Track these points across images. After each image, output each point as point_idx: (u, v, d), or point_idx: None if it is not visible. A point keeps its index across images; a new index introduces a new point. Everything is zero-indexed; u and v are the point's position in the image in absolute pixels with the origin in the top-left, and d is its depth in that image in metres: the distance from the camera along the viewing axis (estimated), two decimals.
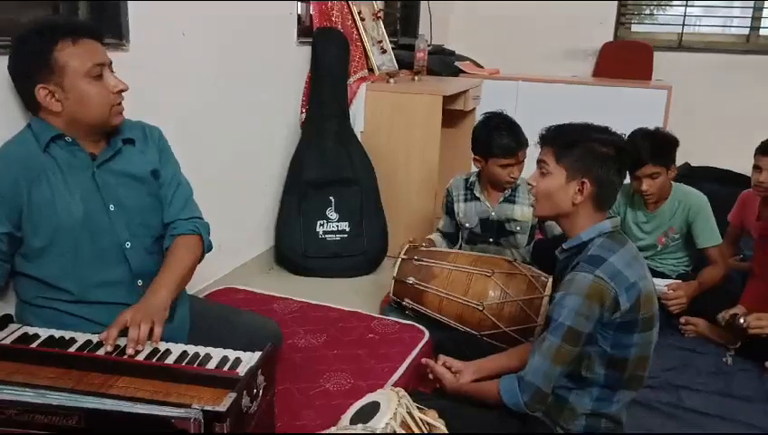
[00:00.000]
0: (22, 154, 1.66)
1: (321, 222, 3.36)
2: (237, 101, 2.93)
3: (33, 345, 1.56)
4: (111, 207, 1.73)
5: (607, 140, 1.75)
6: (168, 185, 1.87)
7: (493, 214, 2.70)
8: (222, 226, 2.02)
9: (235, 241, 3.04)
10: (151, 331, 1.58)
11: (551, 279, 2.33)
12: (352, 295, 3.06)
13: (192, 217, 1.89)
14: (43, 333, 1.62)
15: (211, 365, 1.54)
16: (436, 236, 2.86)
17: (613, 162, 1.73)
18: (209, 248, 1.91)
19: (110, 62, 1.73)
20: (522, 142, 2.59)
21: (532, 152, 2.54)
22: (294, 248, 3.32)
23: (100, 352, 1.56)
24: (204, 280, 2.78)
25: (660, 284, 2.61)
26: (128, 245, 1.75)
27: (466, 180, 2.79)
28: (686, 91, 4.73)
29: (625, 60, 5.10)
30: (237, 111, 2.94)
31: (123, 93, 1.74)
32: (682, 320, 2.66)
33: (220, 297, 2.65)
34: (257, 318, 2.03)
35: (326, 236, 3.35)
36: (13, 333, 1.61)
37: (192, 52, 2.58)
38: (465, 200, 2.77)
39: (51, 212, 1.65)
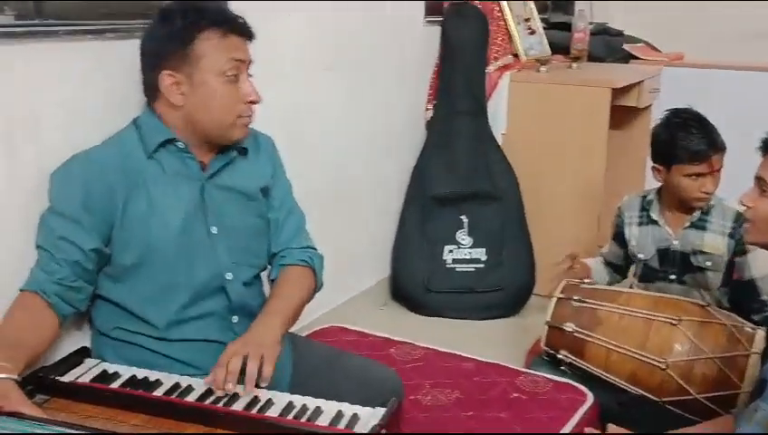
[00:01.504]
0: (122, 158, 1.77)
1: (450, 248, 3.37)
2: (347, 96, 3.01)
3: (114, 386, 1.65)
4: (213, 229, 1.82)
5: None
6: (280, 207, 1.95)
7: (675, 243, 2.61)
8: (326, 251, 2.07)
9: (343, 270, 3.09)
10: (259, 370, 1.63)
11: (760, 331, 2.24)
12: (490, 342, 3.05)
13: (305, 246, 1.97)
14: (125, 371, 1.71)
15: (322, 421, 1.58)
16: (594, 263, 2.80)
17: None
18: (320, 287, 1.98)
19: (250, 63, 1.83)
20: (717, 144, 2.51)
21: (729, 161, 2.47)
22: (415, 280, 3.35)
23: (190, 397, 1.63)
24: (304, 316, 2.77)
25: None
26: (229, 275, 1.83)
27: (643, 198, 2.72)
28: None
29: None
30: (347, 107, 3.02)
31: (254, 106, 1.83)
32: None
33: (325, 338, 2.69)
34: (373, 365, 2.06)
35: (456, 265, 3.36)
36: (90, 369, 1.72)
37: (297, 35, 2.68)
38: (640, 224, 2.69)
39: (145, 226, 1.75)
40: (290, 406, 1.63)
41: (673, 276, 2.64)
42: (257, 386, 1.61)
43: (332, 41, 2.87)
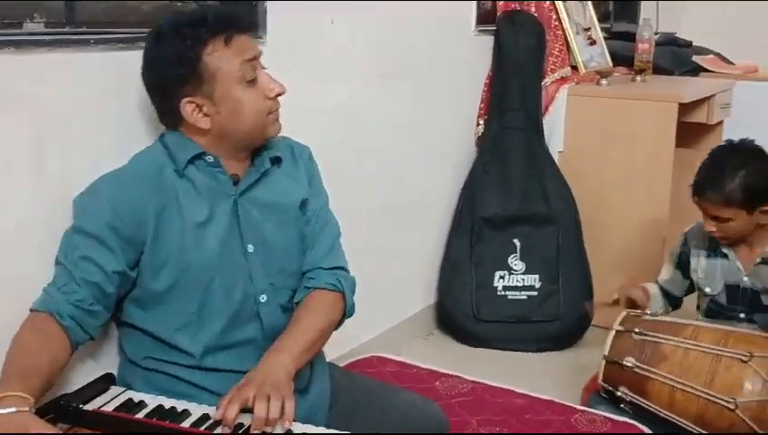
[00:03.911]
0: (153, 177, 1.77)
1: (502, 274, 3.36)
2: (393, 110, 3.02)
3: (140, 415, 1.66)
4: (250, 248, 1.82)
5: None
6: (315, 221, 1.94)
7: (745, 279, 2.58)
8: (367, 274, 2.07)
9: (385, 295, 3.09)
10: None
11: None
12: (543, 377, 3.03)
13: (336, 266, 1.95)
14: (151, 401, 1.72)
15: None
16: (652, 288, 2.76)
17: None
18: (351, 312, 1.96)
19: (260, 54, 1.84)
20: (706, 190, 2.50)
21: None
22: (463, 308, 3.34)
23: (220, 429, 1.63)
24: (343, 345, 2.85)
25: None
26: (263, 298, 1.83)
27: None
28: None
29: None
30: (392, 121, 3.03)
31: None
32: None
33: (365, 368, 2.69)
34: (417, 400, 2.06)
35: (507, 293, 3.35)
36: (115, 398, 1.72)
37: (341, 45, 2.70)
38: (709, 256, 2.67)
39: (179, 248, 1.75)
40: None
41: (742, 315, 2.61)
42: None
43: (379, 51, 2.88)
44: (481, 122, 3.56)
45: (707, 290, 2.65)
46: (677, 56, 4.49)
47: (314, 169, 2.00)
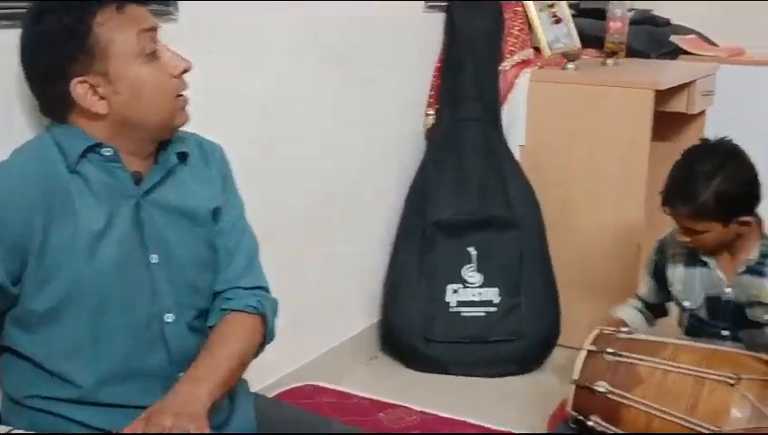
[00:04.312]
0: (41, 173, 1.72)
1: (455, 287, 3.36)
2: (329, 98, 3.01)
3: None
4: (154, 258, 1.79)
5: None
6: (229, 233, 1.92)
7: (728, 290, 2.61)
8: (300, 291, 2.07)
9: (321, 314, 3.09)
10: None
11: None
12: (503, 405, 3.03)
13: (256, 286, 1.94)
14: None
15: None
16: (630, 312, 2.79)
17: None
18: (271, 337, 1.95)
19: (158, 28, 1.80)
20: (673, 199, 2.53)
21: None
22: (411, 328, 3.33)
23: None
24: (272, 372, 2.84)
25: None
26: (169, 317, 1.80)
27: None
28: None
29: None
30: (328, 112, 3.02)
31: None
32: None
33: (297, 398, 2.69)
34: (355, 433, 2.06)
35: (462, 309, 3.35)
36: None
37: (269, 24, 2.68)
38: (687, 264, 2.69)
39: (69, 258, 1.70)
40: None
41: (725, 332, 2.63)
42: None
43: (313, 30, 2.87)
44: (431, 112, 3.57)
45: (687, 304, 2.67)
46: (654, 37, 4.53)
47: (228, 171, 1.98)
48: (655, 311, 2.81)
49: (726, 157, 2.51)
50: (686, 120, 3.97)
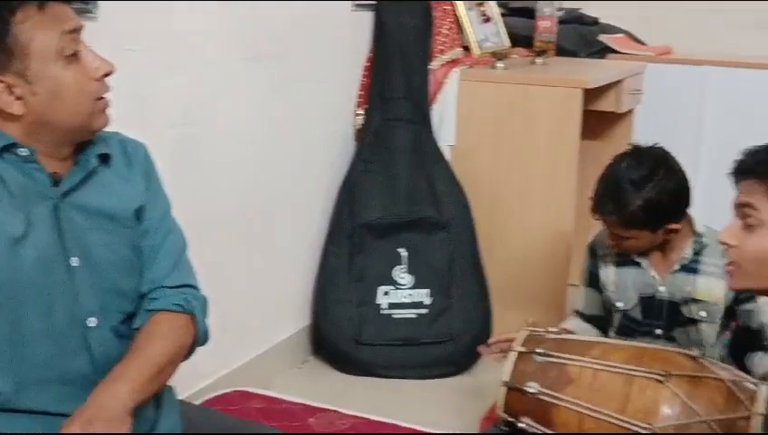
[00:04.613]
0: None
1: (386, 289, 3.36)
2: (255, 98, 2.99)
3: None
4: (74, 262, 1.75)
5: None
6: (154, 232, 1.88)
7: (661, 289, 2.64)
8: (229, 295, 2.04)
9: (250, 319, 3.06)
10: None
11: (763, 387, 2.25)
12: (435, 407, 3.03)
13: (183, 284, 1.90)
14: None
15: None
16: (574, 323, 2.80)
17: None
18: (204, 338, 1.92)
19: (82, 29, 1.76)
20: (598, 204, 2.57)
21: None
22: (342, 331, 3.32)
23: None
24: (200, 377, 2.81)
25: None
26: (92, 322, 1.76)
27: None
28: None
29: None
30: (254, 112, 2.99)
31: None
32: None
33: (226, 405, 2.66)
34: None
35: (393, 311, 3.35)
36: None
37: (193, 23, 2.64)
38: (618, 264, 2.72)
39: None
40: None
41: (659, 331, 2.66)
42: None
43: (240, 28, 2.85)
44: (361, 112, 3.56)
45: (619, 305, 2.69)
46: (583, 36, 4.58)
47: (152, 170, 1.94)
48: (598, 324, 2.81)
49: (656, 165, 2.52)
50: (614, 118, 4.02)
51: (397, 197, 3.42)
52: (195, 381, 2.74)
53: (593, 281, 2.77)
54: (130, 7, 2.40)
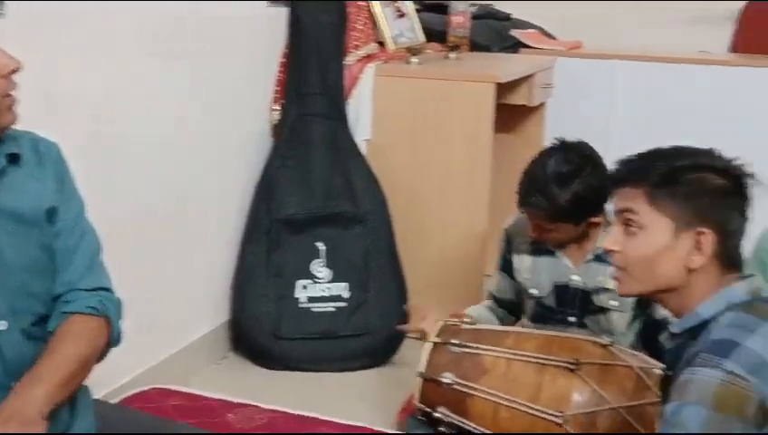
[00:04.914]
0: None
1: (305, 283, 3.37)
2: (168, 94, 2.97)
3: None
4: None
5: (722, 166, 1.78)
6: (68, 233, 1.86)
7: (575, 278, 2.69)
8: (145, 292, 2.03)
9: (168, 315, 3.04)
10: None
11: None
12: (354, 400, 3.05)
13: (98, 287, 1.89)
14: None
15: None
16: (480, 309, 2.84)
17: (737, 197, 1.77)
18: (118, 341, 1.91)
19: None
20: (523, 197, 2.62)
21: None
22: (261, 325, 3.32)
23: None
24: (117, 375, 2.79)
25: None
26: (2, 325, 1.74)
27: None
28: None
29: None
30: (168, 108, 2.97)
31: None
32: None
33: (143, 403, 2.64)
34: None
35: (311, 305, 3.36)
36: None
37: (103, 17, 2.62)
38: (533, 253, 2.76)
39: None
40: None
41: (572, 318, 2.71)
42: None
43: (152, 24, 2.82)
44: (277, 108, 3.55)
45: (534, 292, 2.74)
46: (496, 31, 4.61)
47: (65, 169, 1.92)
48: (511, 308, 2.86)
49: (584, 161, 2.57)
50: (527, 112, 4.07)
51: (313, 192, 3.42)
52: (113, 378, 2.71)
53: (507, 267, 2.81)
54: (39, 5, 2.37)
